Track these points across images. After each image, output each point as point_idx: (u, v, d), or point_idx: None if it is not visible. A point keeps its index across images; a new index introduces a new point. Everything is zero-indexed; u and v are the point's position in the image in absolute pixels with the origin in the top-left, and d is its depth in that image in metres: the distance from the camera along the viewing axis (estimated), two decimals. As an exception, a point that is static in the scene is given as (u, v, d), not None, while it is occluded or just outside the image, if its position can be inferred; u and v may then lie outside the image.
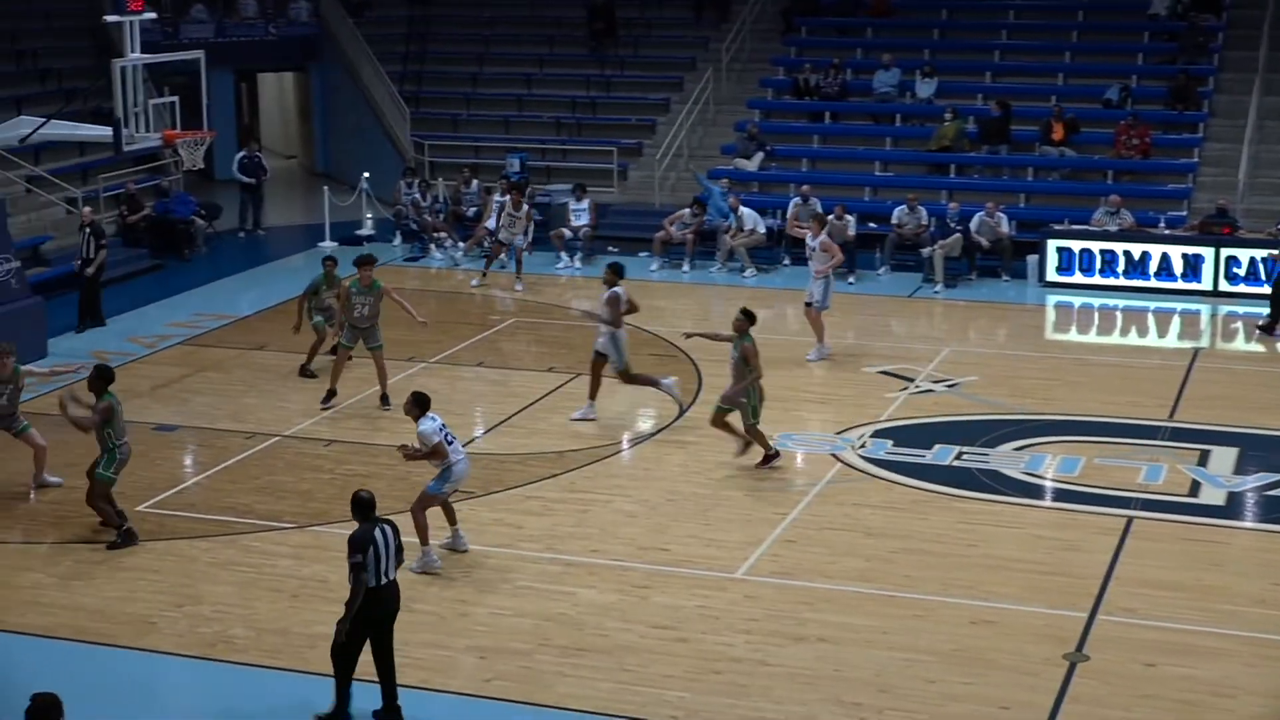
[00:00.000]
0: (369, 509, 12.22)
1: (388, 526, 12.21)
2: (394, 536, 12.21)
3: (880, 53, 33.01)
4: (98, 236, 23.99)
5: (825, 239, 21.94)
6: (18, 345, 21.72)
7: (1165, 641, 13.62)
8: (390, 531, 12.19)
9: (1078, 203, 28.62)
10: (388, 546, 12.09)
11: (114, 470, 15.74)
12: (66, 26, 34.07)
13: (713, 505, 16.80)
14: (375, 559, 11.96)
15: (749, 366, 17.47)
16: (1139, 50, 32.55)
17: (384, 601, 12.12)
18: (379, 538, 12.03)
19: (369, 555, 11.92)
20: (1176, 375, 21.54)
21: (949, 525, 16.26)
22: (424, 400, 14.95)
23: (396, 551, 12.23)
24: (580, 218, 28.77)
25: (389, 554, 12.09)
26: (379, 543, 12.01)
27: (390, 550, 12.11)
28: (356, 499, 12.30)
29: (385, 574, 12.08)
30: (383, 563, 12.03)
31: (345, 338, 20.08)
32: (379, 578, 12.02)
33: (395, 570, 12.21)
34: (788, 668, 13.13)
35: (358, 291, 19.93)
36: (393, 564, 12.16)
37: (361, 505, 12.24)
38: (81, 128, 23.82)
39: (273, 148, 40.41)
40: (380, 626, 12.19)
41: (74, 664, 13.30)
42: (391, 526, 12.26)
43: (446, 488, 15.08)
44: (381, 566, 12.02)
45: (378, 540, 12.01)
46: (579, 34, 36.26)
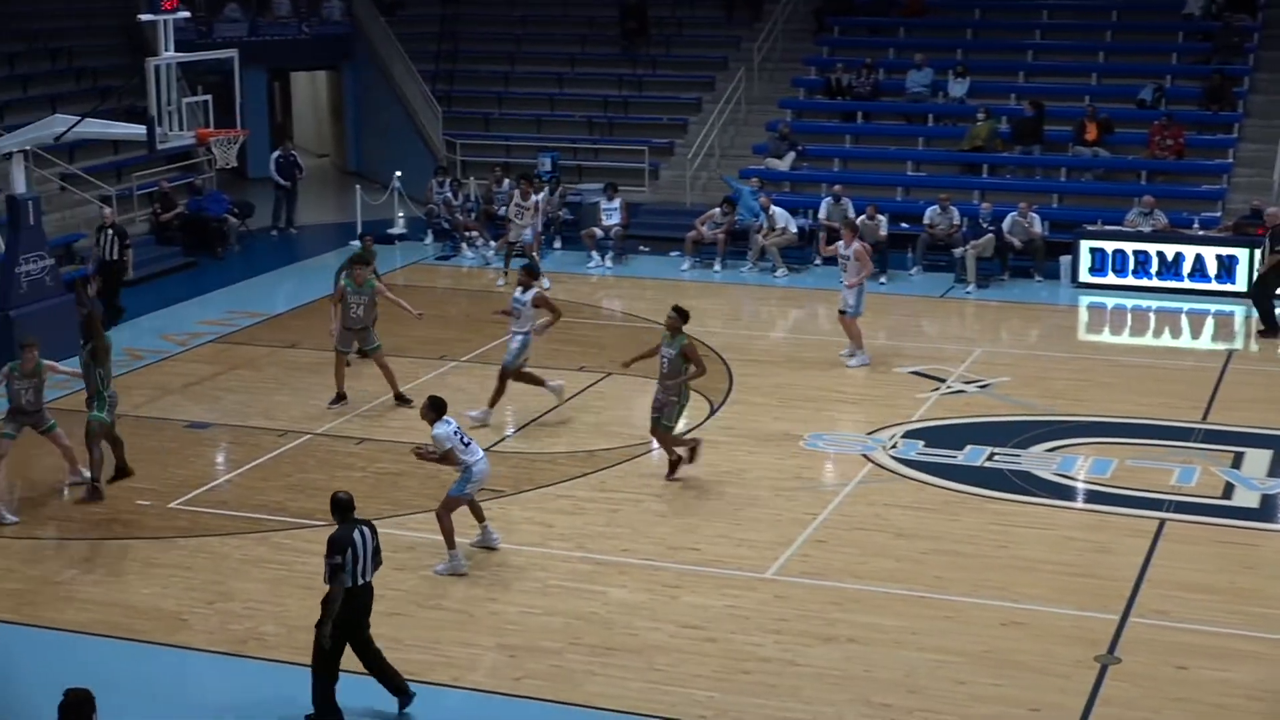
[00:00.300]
0: (347, 510, 12.27)
1: (366, 528, 12.23)
2: (372, 538, 12.24)
3: (913, 52, 32.93)
4: (121, 237, 24.08)
5: (859, 247, 21.81)
6: (52, 342, 21.93)
7: (1198, 644, 13.56)
8: (369, 533, 12.22)
9: (1111, 203, 28.50)
10: (365, 547, 12.13)
11: (107, 411, 16.44)
12: (101, 25, 34.24)
13: (743, 505, 16.79)
14: (353, 560, 12.02)
15: (687, 364, 17.27)
16: (1173, 50, 32.40)
17: (359, 602, 12.17)
18: (357, 539, 12.08)
19: (347, 556, 11.98)
20: (1210, 377, 21.44)
21: (980, 526, 16.22)
22: (440, 405, 14.96)
23: (374, 553, 12.26)
24: (611, 217, 28.77)
25: (367, 555, 12.13)
26: (357, 544, 12.06)
27: (368, 551, 12.15)
28: (335, 500, 12.36)
29: (362, 575, 12.12)
30: (360, 564, 12.08)
31: (340, 342, 20.06)
32: (355, 579, 12.06)
33: (373, 572, 12.24)
34: (817, 668, 13.12)
35: (353, 291, 19.93)
36: (370, 565, 12.19)
37: (340, 506, 12.29)
38: (115, 126, 23.88)
39: (305, 146, 40.50)
40: (357, 627, 12.22)
41: (106, 660, 13.37)
42: (370, 528, 12.28)
43: (469, 489, 15.12)
44: (359, 567, 12.07)
45: (356, 541, 12.06)
46: (611, 33, 36.27)
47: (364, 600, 12.23)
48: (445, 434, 14.83)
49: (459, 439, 14.90)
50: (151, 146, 20.79)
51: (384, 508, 16.66)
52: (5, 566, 15.33)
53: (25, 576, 15.10)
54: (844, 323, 21.90)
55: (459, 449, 14.87)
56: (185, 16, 22.50)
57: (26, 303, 21.91)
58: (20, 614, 14.27)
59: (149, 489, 17.29)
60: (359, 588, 12.12)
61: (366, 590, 12.22)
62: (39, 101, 29.76)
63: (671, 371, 17.31)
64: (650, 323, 24.27)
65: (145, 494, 17.14)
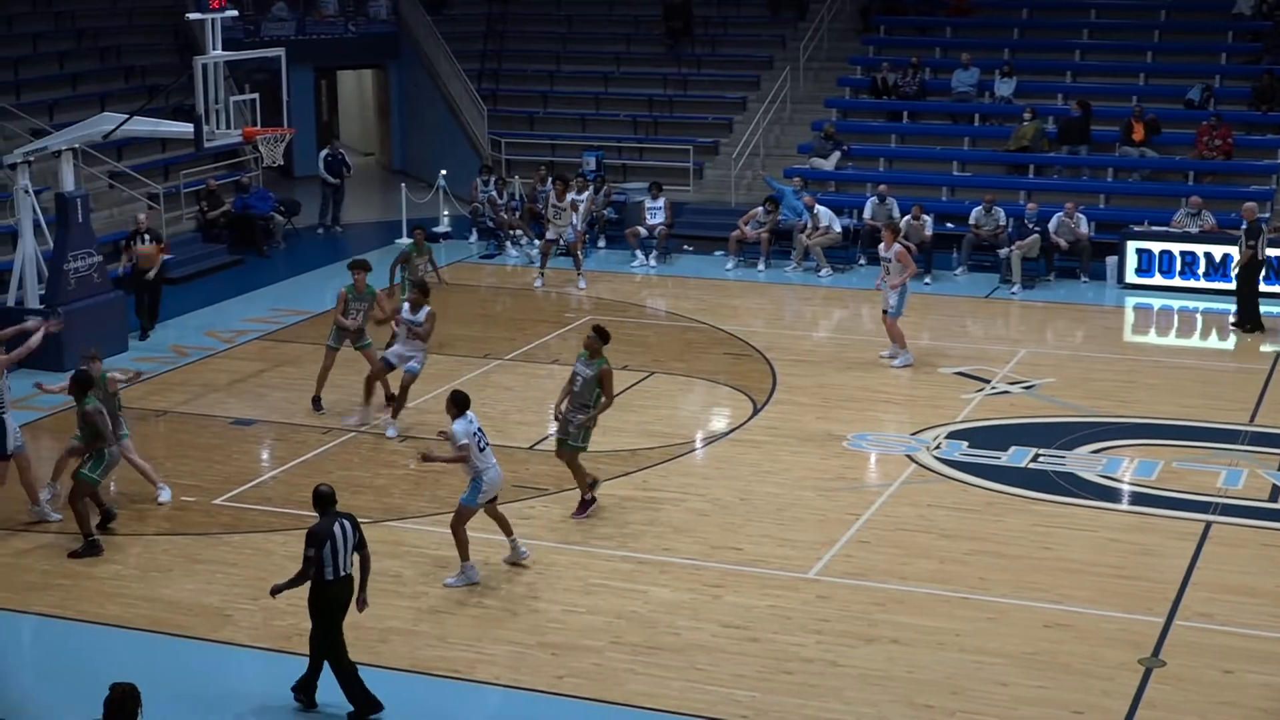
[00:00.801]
0: (328, 503, 12.39)
1: (347, 521, 12.34)
2: (353, 531, 12.34)
3: (959, 52, 32.79)
4: (158, 241, 24.18)
5: (900, 249, 21.74)
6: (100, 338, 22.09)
7: (1243, 648, 13.47)
8: (349, 526, 12.32)
9: (1158, 204, 28.34)
10: (345, 540, 12.24)
11: (100, 472, 15.83)
12: (149, 24, 34.46)
13: (786, 505, 16.77)
14: (332, 553, 12.15)
15: (601, 390, 16.20)
16: (1222, 50, 32.19)
17: (338, 595, 12.28)
18: (337, 532, 12.20)
19: (325, 550, 12.11)
20: (1258, 379, 21.29)
21: (1024, 528, 16.15)
22: (463, 400, 14.69)
23: (357, 546, 12.38)
24: (655, 216, 28.77)
25: (346, 548, 12.25)
26: (337, 537, 12.18)
27: (348, 544, 12.27)
28: (316, 493, 12.48)
29: (342, 568, 12.24)
30: (340, 557, 12.20)
31: (332, 338, 20.07)
32: (336, 571, 12.19)
33: (350, 564, 12.33)
34: (859, 668, 13.09)
35: (354, 298, 19.84)
36: (347, 558, 12.28)
37: (321, 499, 12.42)
38: (163, 124, 24.01)
39: (351, 145, 40.66)
40: (331, 619, 12.31)
41: (151, 654, 13.46)
42: (351, 521, 12.38)
43: (480, 498, 14.69)
44: (339, 560, 12.20)
45: (335, 535, 12.19)
46: (656, 33, 36.27)
47: (342, 593, 12.33)
48: (464, 430, 14.46)
49: (477, 440, 14.54)
50: (199, 144, 20.91)
51: (425, 506, 16.73)
52: (50, 562, 15.44)
53: (70, 572, 15.20)
54: (886, 323, 21.83)
55: (474, 452, 14.48)
56: (233, 15, 22.64)
57: (75, 299, 22.06)
58: (65, 609, 14.37)
59: (193, 485, 17.38)
60: (339, 580, 12.24)
61: (346, 582, 12.34)
62: (88, 99, 29.97)
63: (583, 392, 16.22)
64: (695, 322, 24.31)
65: (190, 490, 17.24)
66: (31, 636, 14.07)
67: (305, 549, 12.18)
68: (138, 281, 23.67)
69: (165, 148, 30.19)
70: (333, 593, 12.24)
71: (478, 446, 14.53)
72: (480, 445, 14.57)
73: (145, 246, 23.33)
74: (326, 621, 12.30)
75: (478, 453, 14.52)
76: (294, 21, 35.96)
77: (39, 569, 15.26)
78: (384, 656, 13.29)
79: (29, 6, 32.28)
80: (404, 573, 14.98)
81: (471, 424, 14.55)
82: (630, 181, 31.84)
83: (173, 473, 17.79)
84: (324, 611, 12.27)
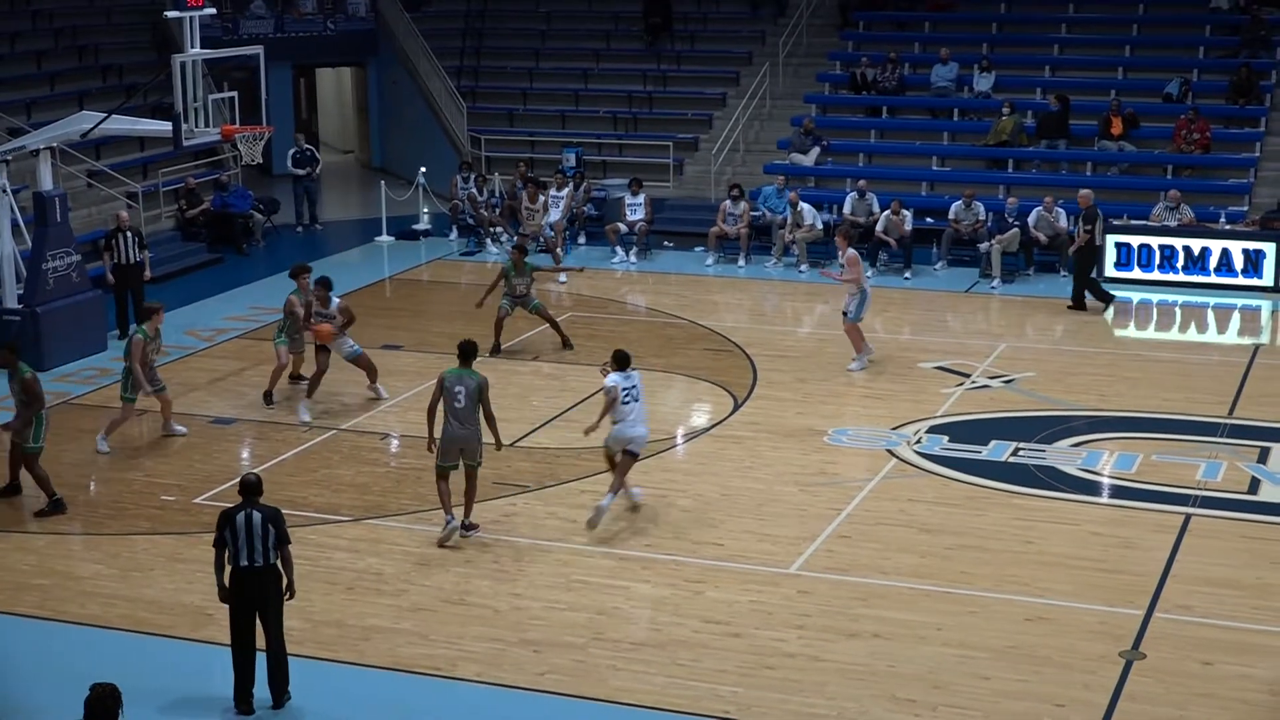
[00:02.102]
0: (245, 491, 12.45)
1: (258, 513, 12.29)
2: (261, 524, 12.25)
3: (938, 47, 32.87)
4: (140, 238, 24.08)
5: (853, 254, 21.37)
6: (79, 337, 22.06)
7: (1223, 640, 13.52)
8: (259, 518, 12.26)
9: (1137, 198, 28.42)
10: (251, 533, 12.21)
11: (42, 440, 16.49)
12: (127, 23, 34.40)
13: (767, 500, 16.79)
14: (232, 539, 12.24)
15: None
16: (1200, 44, 32.30)
17: (246, 584, 12.30)
18: (239, 521, 12.25)
19: (224, 534, 12.27)
20: (1236, 372, 21.36)
21: (1004, 521, 16.19)
22: (623, 359, 16.10)
23: (269, 539, 12.25)
24: (635, 212, 28.78)
25: (252, 540, 12.21)
26: (238, 525, 12.23)
27: (255, 536, 12.21)
28: (241, 480, 12.64)
29: (251, 559, 12.25)
30: (242, 547, 12.22)
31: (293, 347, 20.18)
32: (238, 560, 12.25)
33: (265, 558, 12.27)
34: (841, 663, 13.12)
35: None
36: (258, 550, 12.24)
37: (242, 487, 12.54)
38: (141, 123, 23.95)
39: (330, 143, 40.64)
40: (251, 609, 12.35)
41: (132, 654, 13.43)
42: (265, 515, 12.29)
43: (610, 441, 16.09)
44: (241, 550, 12.23)
45: (237, 523, 12.23)
46: (635, 28, 36.28)
47: (251, 584, 12.31)
48: (614, 382, 15.92)
49: (624, 395, 15.91)
50: (177, 143, 20.85)
51: (407, 503, 16.72)
52: (30, 562, 15.40)
53: (49, 572, 15.17)
54: (845, 327, 21.46)
55: (619, 404, 15.84)
56: (211, 13, 22.63)
57: (54, 299, 21.99)
58: (44, 609, 14.34)
59: (174, 484, 17.36)
60: (244, 570, 12.27)
61: (255, 574, 12.29)
62: (66, 98, 29.89)
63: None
64: (675, 318, 24.32)
65: (170, 489, 17.21)
66: (11, 637, 14.01)
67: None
68: (121, 282, 23.57)
69: (144, 146, 30.12)
70: (241, 582, 12.31)
71: (621, 400, 15.84)
72: (624, 400, 15.90)
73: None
74: (241, 609, 12.34)
75: (620, 405, 15.84)
76: (272, 19, 35.92)
77: (19, 569, 15.21)
78: (366, 654, 13.29)
79: (6, 6, 32.21)
80: (385, 570, 14.98)
81: (628, 379, 16.02)
82: (610, 178, 31.83)
83: (153, 472, 17.79)
84: (240, 600, 12.34)
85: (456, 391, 15.32)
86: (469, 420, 15.37)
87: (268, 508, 12.44)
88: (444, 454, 15.41)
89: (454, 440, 15.37)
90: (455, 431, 15.36)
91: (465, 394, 15.31)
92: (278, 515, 12.45)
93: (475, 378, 15.40)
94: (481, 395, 15.35)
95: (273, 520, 12.36)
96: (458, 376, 15.39)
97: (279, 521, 12.40)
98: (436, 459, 15.52)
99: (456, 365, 15.47)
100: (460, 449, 15.45)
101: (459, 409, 15.32)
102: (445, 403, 15.37)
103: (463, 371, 15.43)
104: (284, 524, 12.41)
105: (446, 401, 15.35)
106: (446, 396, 15.35)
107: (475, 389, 15.32)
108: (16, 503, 16.83)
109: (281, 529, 12.39)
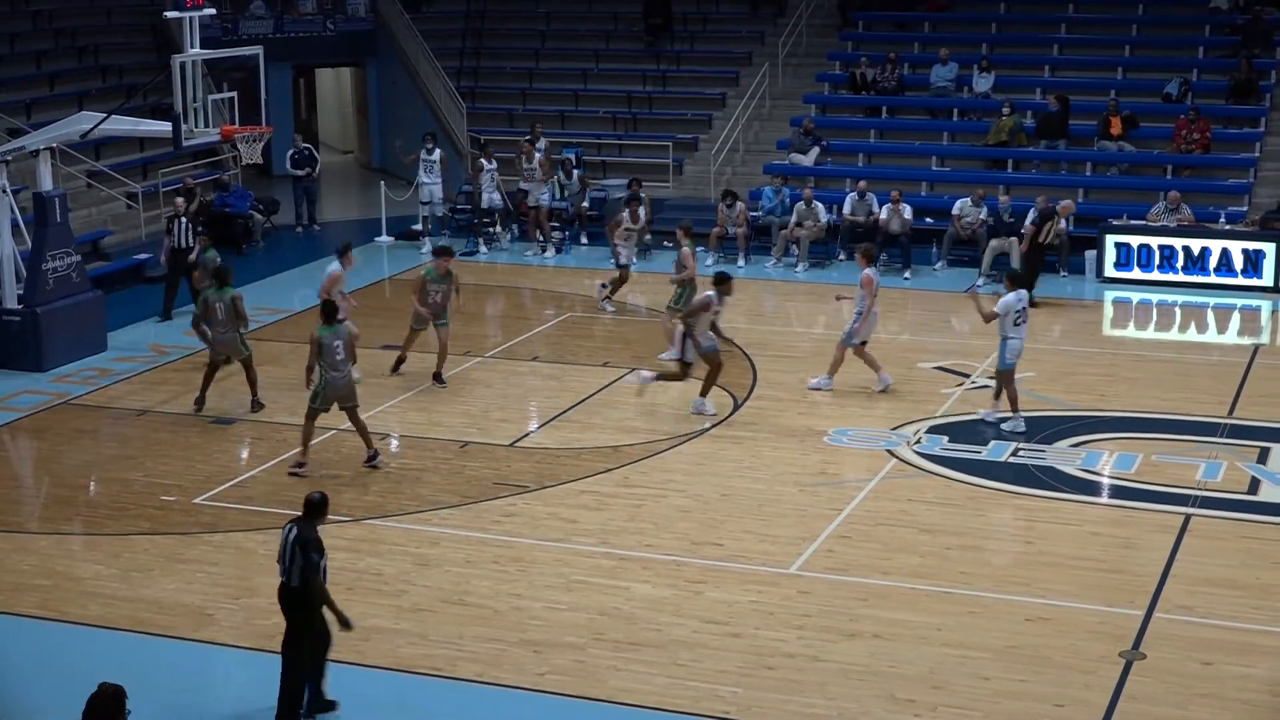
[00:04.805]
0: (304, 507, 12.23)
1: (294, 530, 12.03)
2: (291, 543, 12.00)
3: (937, 47, 32.89)
4: (195, 225, 24.29)
5: (867, 274, 20.59)
6: (79, 337, 22.05)
7: (1223, 640, 13.52)
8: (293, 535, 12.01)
9: (1137, 198, 28.43)
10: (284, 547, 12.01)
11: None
12: (127, 23, 34.42)
13: (767, 500, 16.79)
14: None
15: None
16: (1200, 44, 32.31)
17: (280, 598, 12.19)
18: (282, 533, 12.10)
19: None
20: (1236, 372, 21.37)
21: (1005, 522, 16.21)
22: (1017, 277, 18.97)
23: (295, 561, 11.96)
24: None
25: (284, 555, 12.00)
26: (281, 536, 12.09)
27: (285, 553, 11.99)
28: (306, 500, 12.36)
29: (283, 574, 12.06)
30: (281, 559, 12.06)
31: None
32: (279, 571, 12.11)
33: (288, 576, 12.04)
34: (841, 663, 13.12)
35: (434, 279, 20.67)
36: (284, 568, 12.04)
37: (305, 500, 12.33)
38: (141, 123, 23.95)
39: (330, 143, 40.63)
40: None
41: (133, 655, 13.42)
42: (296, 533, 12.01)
43: (1011, 358, 18.55)
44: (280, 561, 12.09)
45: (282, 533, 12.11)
46: (635, 29, 36.28)
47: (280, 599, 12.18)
48: (1009, 303, 18.38)
49: (1016, 316, 18.38)
50: (177, 143, 20.86)
51: (407, 504, 16.72)
52: (31, 563, 15.41)
53: (50, 572, 15.17)
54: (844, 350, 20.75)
55: (1009, 321, 18.37)
56: (210, 13, 22.63)
57: (53, 299, 21.99)
58: (46, 609, 14.34)
59: (174, 485, 17.36)
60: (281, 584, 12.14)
61: (282, 589, 12.13)
62: (65, 99, 29.91)
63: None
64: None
65: (170, 490, 17.22)
66: (12, 637, 14.01)
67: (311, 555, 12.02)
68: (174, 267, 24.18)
69: (143, 147, 30.14)
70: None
71: (1014, 320, 18.28)
72: (1016, 321, 18.34)
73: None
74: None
75: (1011, 325, 18.30)
76: (272, 19, 35.93)
77: (19, 569, 15.22)
78: (366, 655, 13.28)
79: (6, 6, 32.22)
80: (385, 570, 14.98)
81: (1020, 301, 18.46)
82: (610, 178, 31.82)
83: (153, 472, 17.79)
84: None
85: (335, 346, 17.18)
86: (344, 368, 17.39)
87: (306, 532, 12.04)
88: (325, 399, 17.36)
89: (336, 387, 17.33)
90: (337, 381, 17.33)
91: (342, 345, 17.24)
92: (309, 544, 11.98)
93: (344, 330, 17.42)
94: (353, 342, 17.69)
95: (301, 546, 11.94)
96: (332, 333, 17.20)
97: (306, 549, 11.95)
98: (314, 404, 17.41)
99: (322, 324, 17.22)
100: (340, 394, 17.43)
101: (338, 360, 17.24)
102: (325, 358, 17.19)
103: (334, 327, 17.24)
104: (311, 555, 11.93)
105: (327, 356, 17.19)
106: (326, 353, 17.18)
107: (347, 339, 17.40)
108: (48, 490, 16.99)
109: (307, 556, 11.92)
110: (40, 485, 18.07)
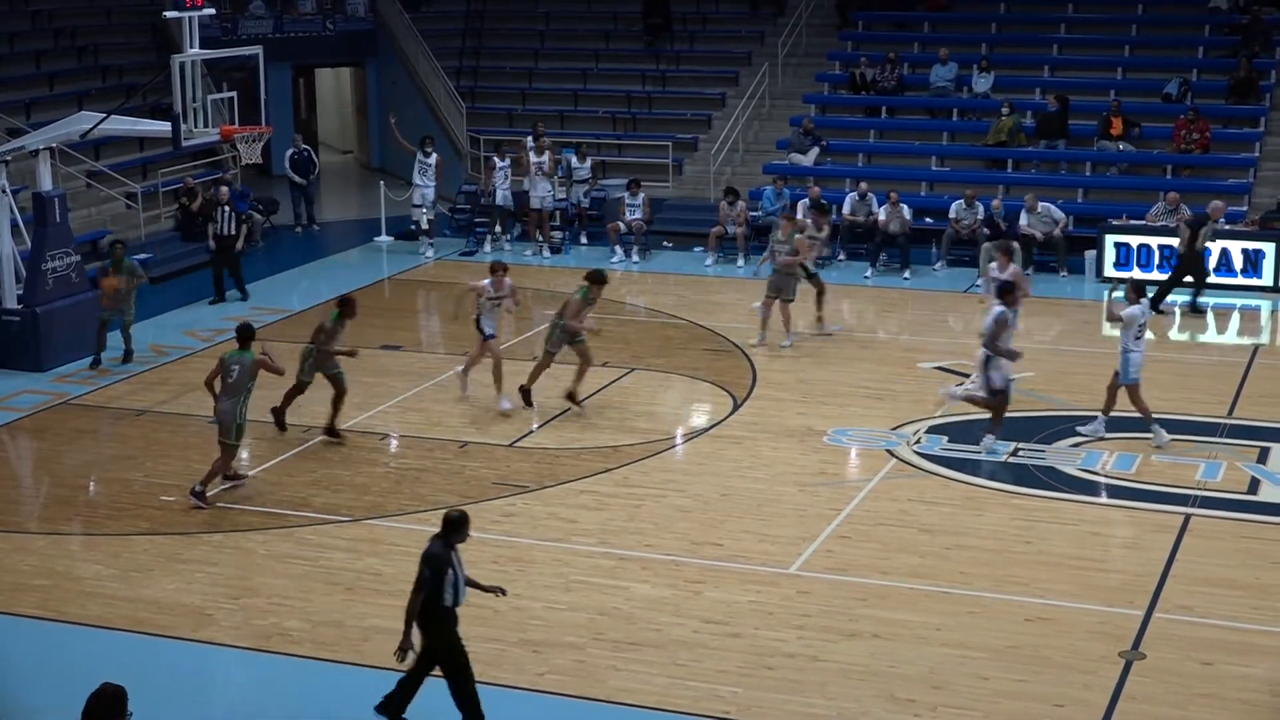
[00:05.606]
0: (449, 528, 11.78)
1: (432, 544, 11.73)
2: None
3: (937, 47, 32.89)
4: (238, 213, 24.60)
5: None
6: (78, 337, 22.04)
7: (1223, 640, 13.52)
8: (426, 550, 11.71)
9: (1136, 197, 28.43)
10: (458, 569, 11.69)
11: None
12: (126, 23, 34.42)
13: (767, 501, 16.79)
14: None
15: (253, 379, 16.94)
16: (1199, 44, 32.31)
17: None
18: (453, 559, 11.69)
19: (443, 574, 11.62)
20: (1236, 372, 21.37)
21: (1004, 521, 16.20)
22: (1141, 287, 18.58)
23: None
24: (634, 212, 28.79)
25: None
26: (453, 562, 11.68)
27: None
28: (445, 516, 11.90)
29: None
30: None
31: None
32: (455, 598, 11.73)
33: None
34: (841, 663, 13.12)
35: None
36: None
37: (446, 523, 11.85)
38: (141, 123, 23.95)
39: (329, 143, 40.64)
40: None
41: (133, 655, 13.42)
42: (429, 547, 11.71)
43: (1134, 372, 18.22)
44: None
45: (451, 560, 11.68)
46: (634, 29, 36.28)
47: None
48: (1134, 314, 18.14)
49: (1138, 329, 18.17)
50: (176, 143, 20.86)
51: (407, 503, 16.72)
52: (30, 563, 15.40)
53: (50, 572, 15.17)
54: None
55: (1132, 336, 18.10)
56: (210, 13, 22.63)
57: (53, 299, 21.99)
58: (46, 609, 14.34)
59: (173, 485, 17.35)
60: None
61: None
62: (65, 99, 29.90)
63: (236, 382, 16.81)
64: (674, 318, 24.32)
65: (170, 489, 17.21)
66: (11, 637, 14.01)
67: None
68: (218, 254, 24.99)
69: (143, 146, 30.12)
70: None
71: (1135, 334, 18.09)
72: (1136, 335, 18.15)
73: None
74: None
75: (1133, 338, 18.10)
76: (271, 19, 35.93)
77: (19, 569, 15.22)
78: (367, 655, 13.27)
79: (6, 6, 32.21)
80: (385, 570, 14.97)
81: (1145, 314, 18.40)
82: (610, 178, 31.82)
83: (152, 472, 17.79)
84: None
85: (233, 369, 16.71)
86: (234, 393, 16.67)
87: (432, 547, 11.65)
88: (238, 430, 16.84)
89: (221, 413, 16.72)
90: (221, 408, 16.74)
91: (240, 370, 16.68)
92: (427, 559, 11.60)
93: (249, 357, 16.81)
94: (253, 373, 16.77)
95: (423, 560, 11.61)
96: (236, 357, 16.79)
97: (422, 563, 11.61)
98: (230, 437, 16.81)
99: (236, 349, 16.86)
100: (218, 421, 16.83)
101: (229, 383, 16.71)
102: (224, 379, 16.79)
103: (242, 353, 16.82)
104: (424, 570, 11.58)
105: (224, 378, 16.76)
106: (225, 374, 16.76)
107: (249, 367, 16.72)
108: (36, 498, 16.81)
109: (419, 571, 11.60)
110: (40, 485, 18.07)
